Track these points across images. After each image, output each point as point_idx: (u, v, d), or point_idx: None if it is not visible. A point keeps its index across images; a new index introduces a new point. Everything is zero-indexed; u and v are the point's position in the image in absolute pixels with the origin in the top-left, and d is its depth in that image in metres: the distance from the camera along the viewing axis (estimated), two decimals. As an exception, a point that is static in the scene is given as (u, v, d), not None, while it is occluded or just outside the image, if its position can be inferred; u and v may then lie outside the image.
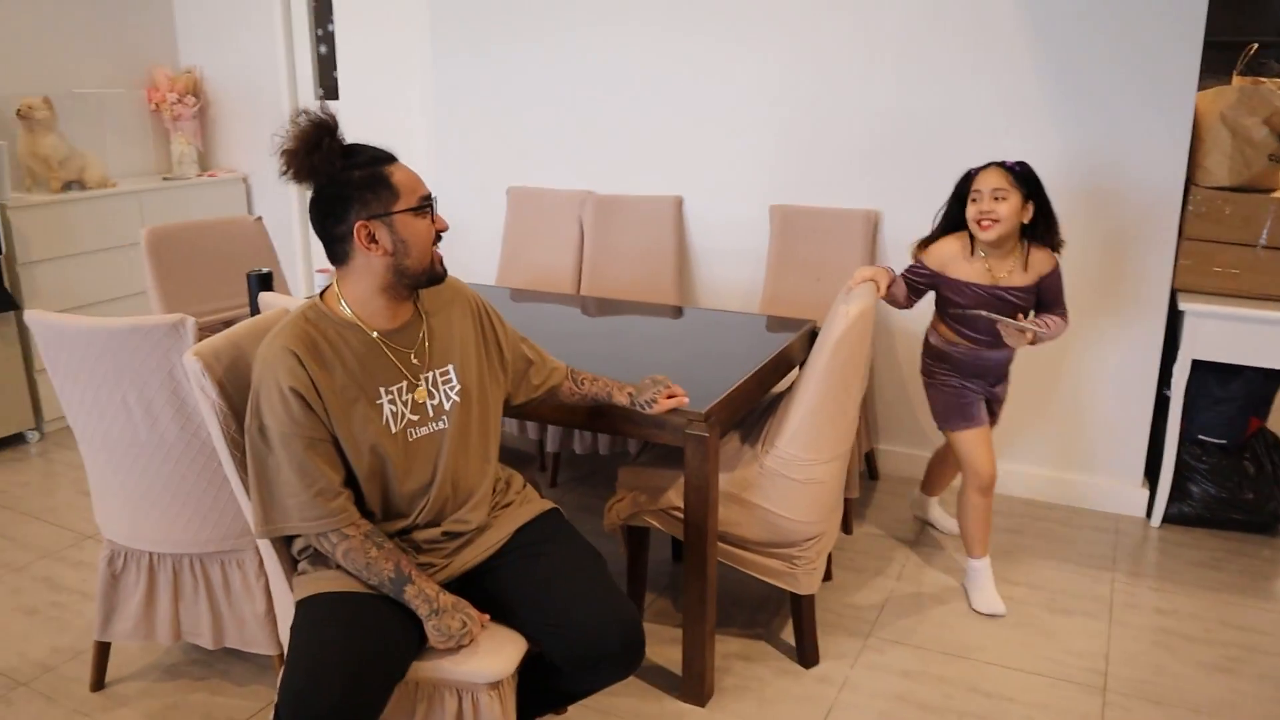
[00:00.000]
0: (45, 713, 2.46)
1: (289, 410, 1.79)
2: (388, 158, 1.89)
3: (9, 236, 4.05)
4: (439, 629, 1.82)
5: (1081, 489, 3.52)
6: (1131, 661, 2.63)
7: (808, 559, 2.48)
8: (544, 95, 4.14)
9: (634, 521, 2.60)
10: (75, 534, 3.40)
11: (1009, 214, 2.59)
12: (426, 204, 1.90)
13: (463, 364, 2.01)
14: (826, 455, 2.39)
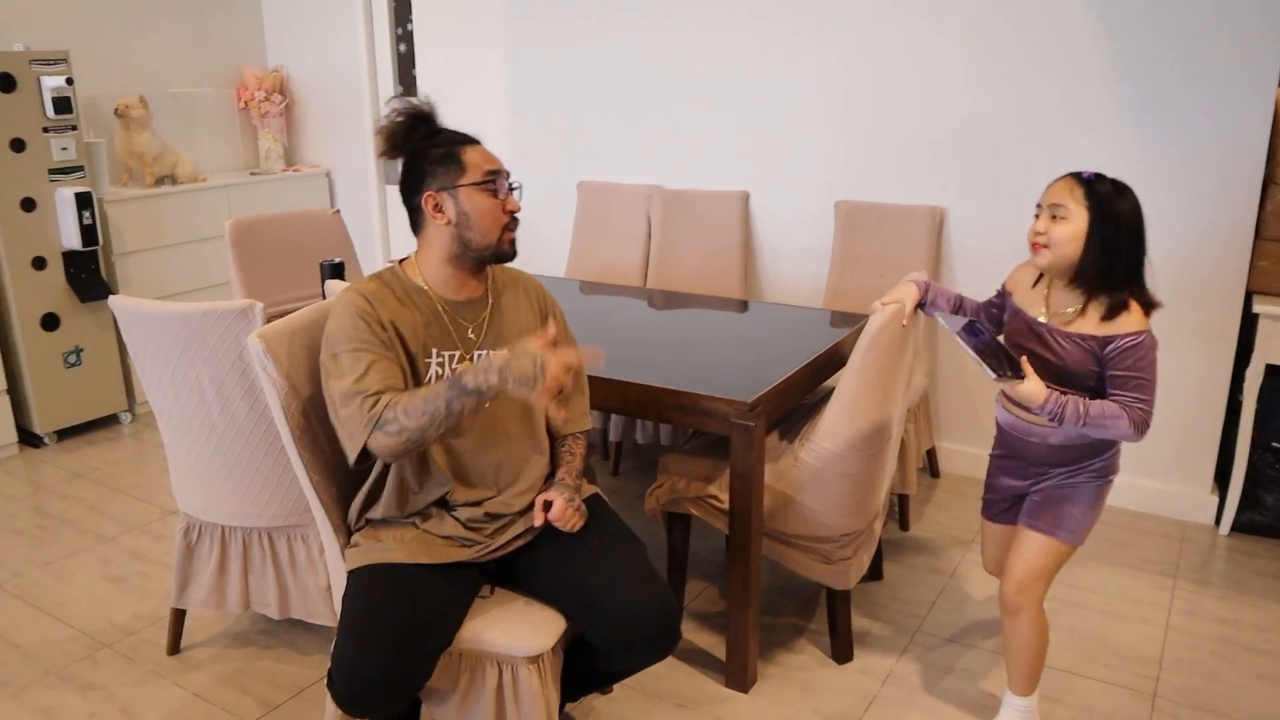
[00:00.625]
0: (126, 673, 2.62)
1: (356, 328, 1.91)
2: (466, 139, 2.04)
3: (106, 229, 4.28)
4: (518, 381, 1.78)
5: (1148, 494, 3.46)
6: (1185, 669, 2.59)
7: (843, 554, 2.49)
8: (614, 92, 4.21)
9: (674, 508, 2.65)
10: (160, 509, 3.59)
11: (1065, 239, 1.98)
12: (490, 180, 1.99)
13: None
14: (862, 452, 2.40)
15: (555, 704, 2.00)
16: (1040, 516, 2.15)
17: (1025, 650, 2.21)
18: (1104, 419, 1.95)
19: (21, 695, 2.53)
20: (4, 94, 3.84)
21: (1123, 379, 1.97)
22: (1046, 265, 2.04)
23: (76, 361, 4.20)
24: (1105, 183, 1.98)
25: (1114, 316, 1.98)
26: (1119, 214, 1.96)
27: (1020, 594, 2.16)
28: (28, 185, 3.96)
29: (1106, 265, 1.97)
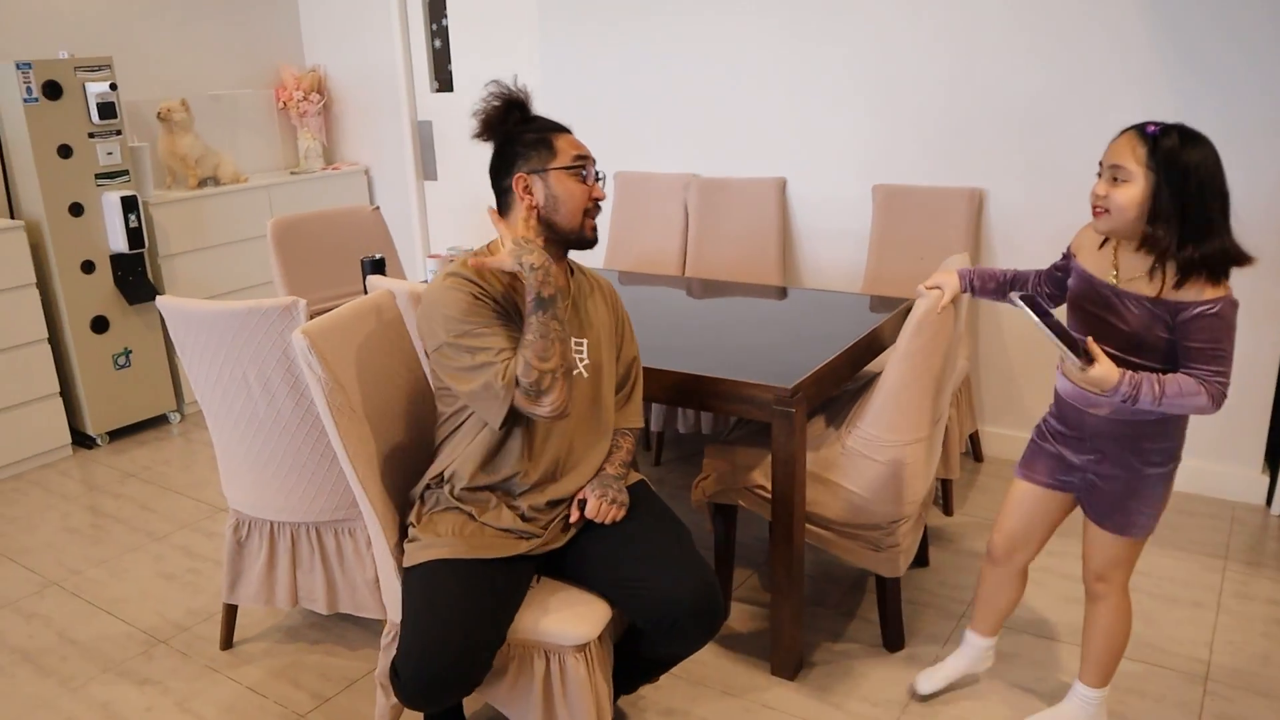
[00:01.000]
0: (181, 668, 2.67)
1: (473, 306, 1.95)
2: (558, 126, 2.11)
3: (152, 231, 4.35)
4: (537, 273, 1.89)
5: (1197, 475, 3.40)
6: (1237, 652, 2.55)
7: (892, 542, 2.48)
8: (649, 81, 4.20)
9: (720, 498, 2.65)
10: (210, 507, 3.65)
11: (1127, 204, 1.81)
12: (579, 164, 2.05)
13: (594, 343, 2.14)
14: (908, 437, 2.38)
15: (605, 694, 2.02)
16: (1110, 516, 2.04)
17: (1104, 637, 2.12)
18: (1181, 397, 1.82)
19: (81, 690, 2.59)
20: (51, 101, 3.92)
21: (1198, 350, 1.81)
22: (1108, 230, 1.89)
23: (126, 363, 4.28)
24: (1172, 136, 1.79)
25: (1186, 282, 1.81)
26: (1187, 170, 1.77)
27: (1101, 581, 2.10)
28: (75, 190, 4.03)
29: (1177, 229, 1.78)
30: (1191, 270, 1.80)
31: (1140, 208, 1.82)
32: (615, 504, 2.06)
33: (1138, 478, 2.00)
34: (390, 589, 2.10)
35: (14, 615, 2.96)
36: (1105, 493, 2.04)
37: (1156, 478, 2.00)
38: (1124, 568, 2.08)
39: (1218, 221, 1.80)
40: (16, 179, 4.09)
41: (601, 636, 2.00)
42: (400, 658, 1.85)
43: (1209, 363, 1.82)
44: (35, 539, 3.44)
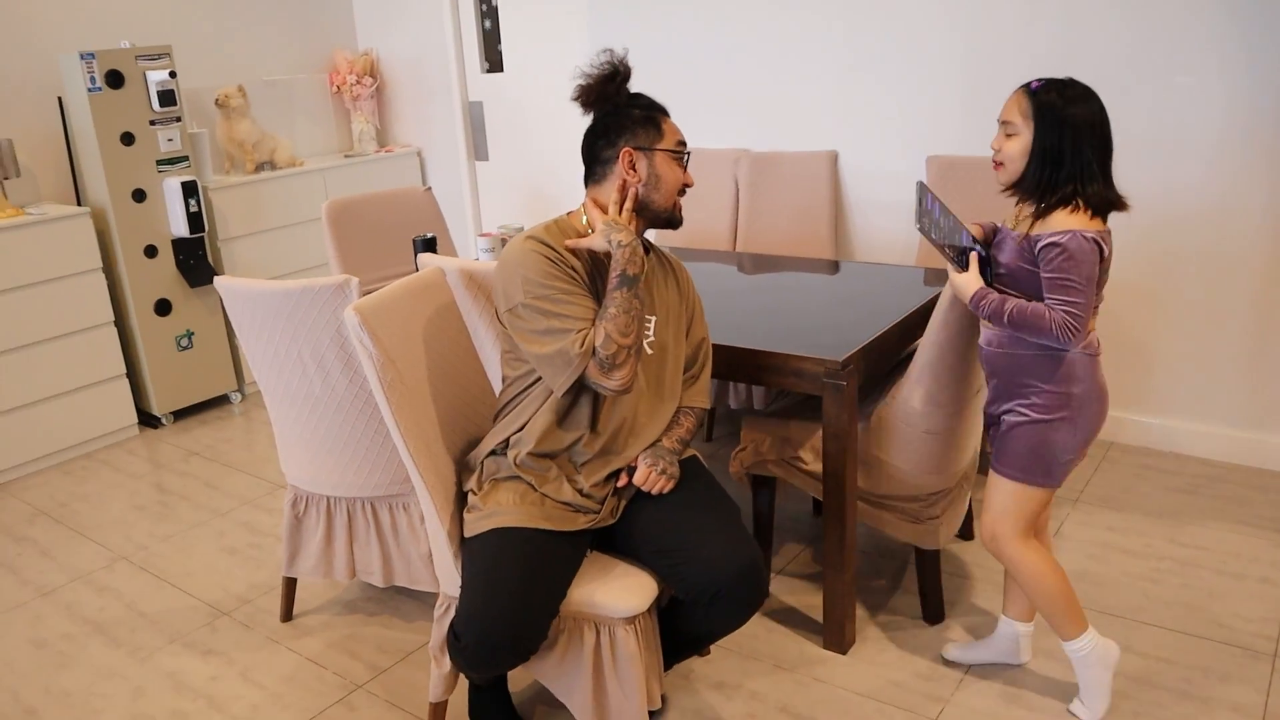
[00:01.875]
0: (244, 640, 2.74)
1: (549, 271, 1.98)
2: (662, 109, 2.17)
3: (211, 216, 4.43)
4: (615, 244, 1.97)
5: (1266, 449, 3.31)
6: (1309, 626, 2.48)
7: (930, 514, 2.46)
8: (698, 56, 4.18)
9: (758, 470, 2.66)
10: (270, 484, 3.73)
11: (1016, 155, 1.97)
12: (680, 149, 2.13)
13: (662, 322, 2.16)
14: (947, 408, 2.35)
15: (654, 666, 2.03)
16: (999, 456, 2.12)
17: (1031, 592, 2.14)
18: (1027, 317, 1.94)
19: (149, 660, 2.66)
20: (114, 90, 4.01)
21: (1048, 280, 1.94)
22: (1006, 181, 2.03)
23: (188, 345, 4.38)
24: (1052, 91, 1.94)
25: (1045, 216, 1.95)
26: (1065, 122, 1.91)
27: (992, 541, 2.16)
28: (137, 177, 4.12)
29: (1050, 175, 1.93)
30: (1054, 206, 1.94)
31: (1025, 156, 1.96)
32: (665, 475, 2.07)
33: (1019, 410, 2.07)
34: (443, 562, 2.13)
35: (86, 588, 3.06)
36: (1004, 436, 2.11)
37: (1039, 413, 2.04)
38: (1008, 520, 2.12)
39: (1091, 168, 1.92)
40: (83, 167, 4.19)
41: (650, 609, 2.01)
42: (461, 622, 1.88)
43: (1056, 291, 1.92)
44: (105, 516, 3.55)
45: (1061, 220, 1.92)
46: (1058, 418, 2.03)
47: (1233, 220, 3.18)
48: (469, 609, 1.87)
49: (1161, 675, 2.34)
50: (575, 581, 2.00)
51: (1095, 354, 2.03)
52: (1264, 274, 3.17)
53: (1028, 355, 2.04)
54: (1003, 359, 2.09)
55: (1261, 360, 3.25)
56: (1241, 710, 2.21)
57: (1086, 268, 1.91)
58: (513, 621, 1.85)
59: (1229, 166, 3.14)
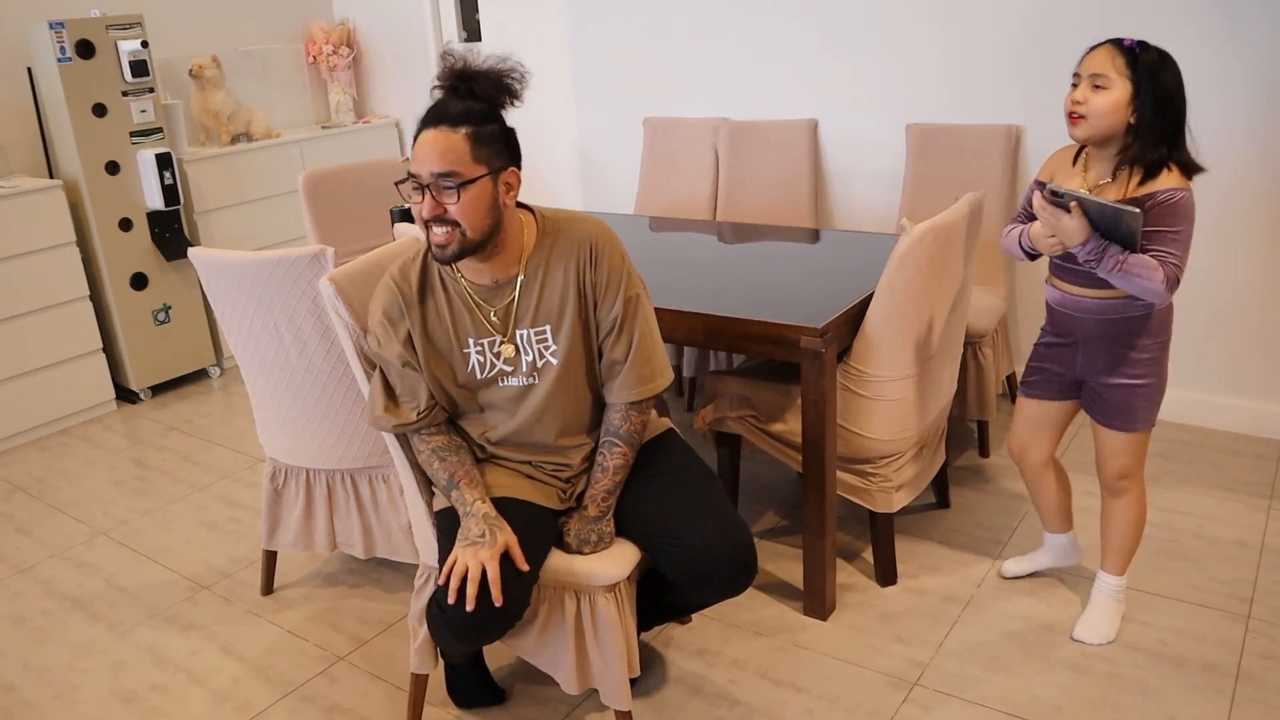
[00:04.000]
0: (224, 613, 2.73)
1: (377, 336, 1.97)
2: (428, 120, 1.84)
3: (187, 188, 4.38)
4: (461, 531, 1.88)
5: (1244, 414, 3.33)
6: (1283, 588, 2.51)
7: (883, 476, 2.49)
8: (677, 25, 4.14)
9: (718, 427, 2.70)
10: (250, 458, 3.71)
11: (1105, 109, 1.96)
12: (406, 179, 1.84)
13: (560, 327, 1.96)
14: (895, 373, 2.38)
15: (633, 632, 2.03)
16: (1115, 417, 2.20)
17: (1129, 528, 2.31)
18: (1140, 268, 1.94)
19: (129, 635, 2.65)
20: (84, 60, 3.94)
21: (1159, 234, 1.96)
22: (1085, 137, 2.03)
23: (166, 319, 4.34)
24: (1151, 51, 1.96)
25: (1153, 177, 1.98)
26: (1162, 83, 1.95)
27: (1123, 478, 2.26)
28: (111, 149, 4.07)
29: (1155, 135, 1.96)
30: (1159, 165, 1.97)
31: (1119, 113, 1.97)
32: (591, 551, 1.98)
33: (1133, 377, 2.15)
34: (422, 533, 2.12)
35: (64, 564, 3.04)
36: (1107, 399, 2.20)
37: (1152, 370, 2.15)
38: (1139, 460, 2.25)
39: (1180, 130, 1.98)
40: (54, 138, 4.13)
41: (630, 577, 2.01)
42: (438, 596, 1.86)
43: (1168, 245, 1.96)
44: (83, 491, 3.52)
45: (1170, 179, 1.97)
46: (1164, 360, 2.16)
47: (1217, 189, 3.18)
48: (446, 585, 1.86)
49: (1138, 637, 2.36)
50: (555, 550, 1.99)
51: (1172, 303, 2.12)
52: (1247, 242, 3.18)
53: (1135, 317, 2.10)
54: (1105, 325, 2.13)
55: (1239, 328, 3.27)
56: (1216, 670, 2.24)
57: (1189, 225, 1.97)
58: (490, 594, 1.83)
59: (1210, 133, 3.14)
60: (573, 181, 4.75)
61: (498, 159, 1.85)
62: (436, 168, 1.79)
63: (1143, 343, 2.12)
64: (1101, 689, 2.20)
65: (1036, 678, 2.25)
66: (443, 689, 2.32)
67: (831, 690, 2.26)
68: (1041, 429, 2.38)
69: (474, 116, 1.82)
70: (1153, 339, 2.12)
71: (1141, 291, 1.97)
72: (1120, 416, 2.20)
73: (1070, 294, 2.15)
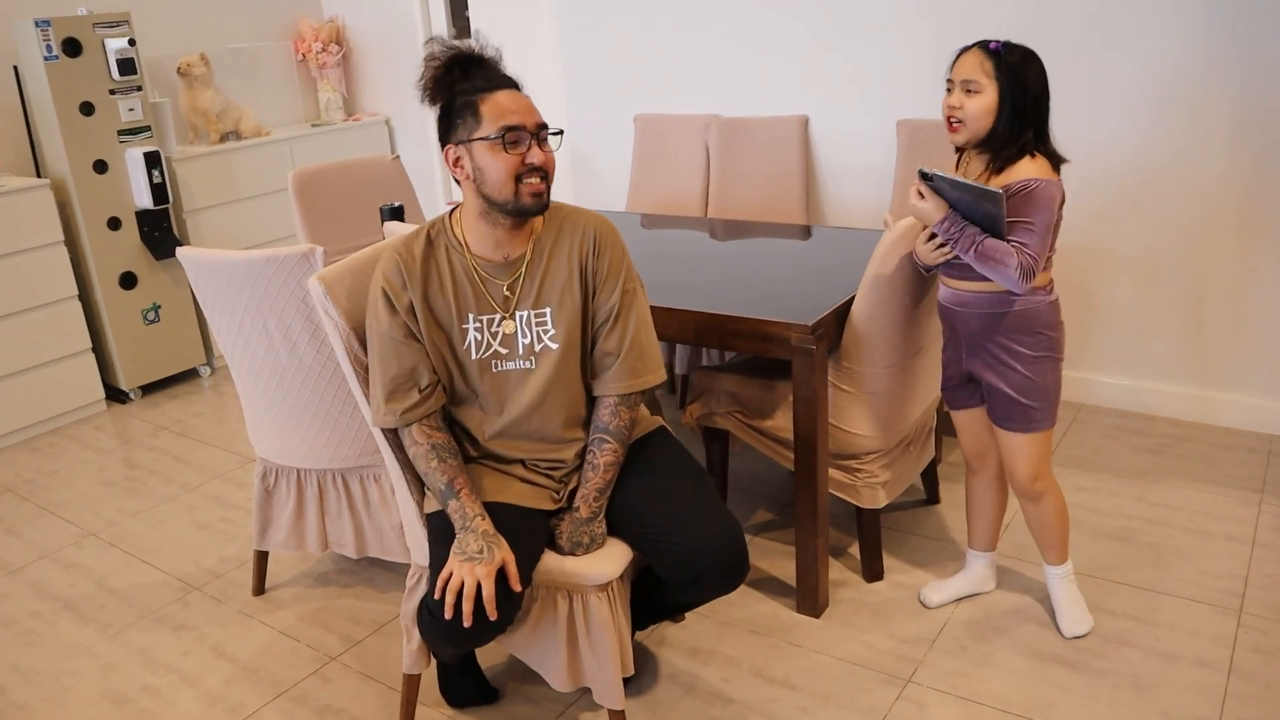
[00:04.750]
0: (215, 613, 2.72)
1: (378, 309, 1.94)
2: (491, 85, 1.89)
3: (176, 187, 4.36)
4: (459, 544, 1.84)
5: (1234, 409, 3.34)
6: (1274, 585, 2.51)
7: (869, 472, 2.50)
8: (667, 22, 4.13)
9: (707, 422, 2.71)
10: (240, 457, 3.69)
11: (979, 112, 2.02)
12: (503, 134, 1.85)
13: (560, 312, 1.98)
14: (879, 369, 2.38)
15: (626, 632, 2.02)
16: (1010, 418, 2.21)
17: (1054, 526, 2.32)
18: (995, 252, 2.00)
19: (120, 636, 2.64)
20: (71, 58, 3.92)
21: (1014, 224, 2.00)
22: (964, 141, 2.08)
23: (155, 318, 4.32)
24: (1014, 52, 2.02)
25: (1011, 165, 2.03)
26: (1026, 82, 2.00)
27: (1036, 482, 2.26)
28: (99, 148, 4.05)
29: (1016, 131, 2.01)
30: (1018, 156, 2.02)
31: (991, 115, 2.02)
32: (583, 554, 1.98)
33: (1018, 374, 2.15)
34: (414, 533, 2.11)
35: (54, 565, 3.02)
36: (997, 396, 2.20)
37: (1035, 369, 2.15)
38: (1046, 459, 2.25)
39: (1045, 124, 2.05)
40: (41, 137, 4.11)
41: (623, 576, 2.01)
42: (433, 599, 1.85)
43: (1019, 234, 2.01)
44: (73, 492, 3.51)
45: (1027, 169, 2.02)
46: (1050, 359, 2.15)
47: (1203, 184, 3.18)
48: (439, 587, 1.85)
49: (1130, 633, 2.37)
50: (546, 550, 1.99)
51: (1057, 298, 2.15)
52: (1234, 236, 3.18)
53: (1010, 313, 2.11)
54: (979, 320, 2.16)
55: (1230, 322, 3.27)
56: (1208, 665, 2.24)
57: (1048, 215, 2.00)
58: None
59: (1196, 129, 3.14)
60: (563, 178, 4.74)
61: None
62: (539, 118, 1.91)
63: (1023, 339, 2.13)
64: (1095, 684, 2.21)
65: (1029, 673, 2.25)
66: (435, 689, 2.31)
67: (825, 688, 2.26)
68: (983, 435, 2.35)
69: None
70: (1034, 336, 2.13)
71: (998, 276, 2.02)
72: (1011, 417, 2.20)
73: (953, 288, 2.19)
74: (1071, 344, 3.57)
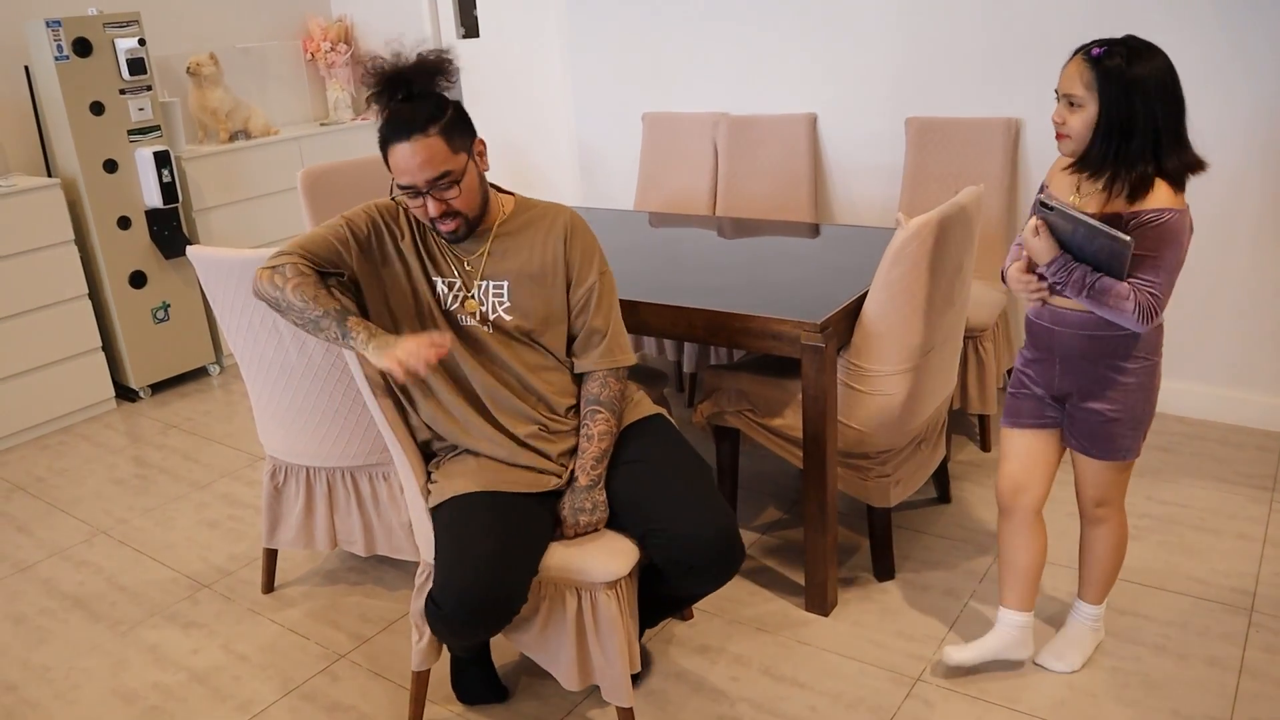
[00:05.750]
0: (225, 611, 2.72)
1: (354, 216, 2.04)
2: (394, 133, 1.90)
3: (185, 186, 4.37)
4: (379, 350, 1.86)
5: (1246, 406, 3.32)
6: (1285, 581, 2.51)
7: (880, 471, 2.49)
8: (675, 20, 4.13)
9: (717, 421, 2.71)
10: (250, 455, 3.70)
11: (1082, 129, 1.85)
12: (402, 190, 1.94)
13: (517, 286, 2.06)
14: (890, 368, 2.37)
15: (634, 630, 2.03)
16: (1093, 444, 2.04)
17: (1109, 558, 2.18)
18: (1109, 292, 1.83)
19: (130, 634, 2.65)
20: (81, 58, 3.93)
21: (1139, 259, 1.82)
22: (1072, 153, 1.91)
23: (165, 317, 4.33)
24: (1115, 55, 1.79)
25: (1139, 195, 1.82)
26: (1132, 86, 1.78)
27: (1101, 507, 2.13)
28: (109, 147, 4.06)
29: (1121, 146, 1.81)
30: (1144, 182, 1.82)
31: (1092, 128, 1.84)
32: (586, 522, 2.01)
33: (1114, 401, 2.00)
34: (422, 530, 2.12)
35: (65, 563, 3.04)
36: (1086, 422, 2.04)
37: (1135, 394, 2.00)
38: (1119, 490, 2.12)
39: (1168, 133, 1.81)
40: (52, 137, 4.12)
41: (631, 573, 2.01)
42: (438, 591, 1.86)
43: (1144, 271, 1.83)
44: (83, 490, 3.52)
45: (1158, 197, 1.82)
46: (1150, 390, 2.01)
47: (1221, 183, 3.17)
48: (444, 576, 1.86)
49: (1140, 631, 2.36)
50: (556, 546, 1.99)
51: (1162, 320, 1.96)
52: (1248, 233, 3.17)
53: (1118, 336, 1.95)
54: (1085, 342, 1.98)
55: (1241, 319, 3.26)
56: (1219, 664, 2.23)
57: (1177, 250, 1.83)
58: (488, 583, 1.83)
59: (1209, 125, 3.13)
60: (572, 177, 4.74)
61: (465, 137, 1.96)
62: (429, 174, 1.90)
63: (1126, 365, 1.97)
64: (1104, 683, 2.20)
65: (1039, 673, 2.25)
66: (444, 686, 2.32)
67: (834, 686, 2.26)
68: (1035, 465, 2.13)
69: (433, 114, 1.90)
70: (1137, 362, 1.97)
71: (1114, 317, 1.87)
72: (1098, 444, 2.04)
73: (1053, 306, 2.02)
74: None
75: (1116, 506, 2.14)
